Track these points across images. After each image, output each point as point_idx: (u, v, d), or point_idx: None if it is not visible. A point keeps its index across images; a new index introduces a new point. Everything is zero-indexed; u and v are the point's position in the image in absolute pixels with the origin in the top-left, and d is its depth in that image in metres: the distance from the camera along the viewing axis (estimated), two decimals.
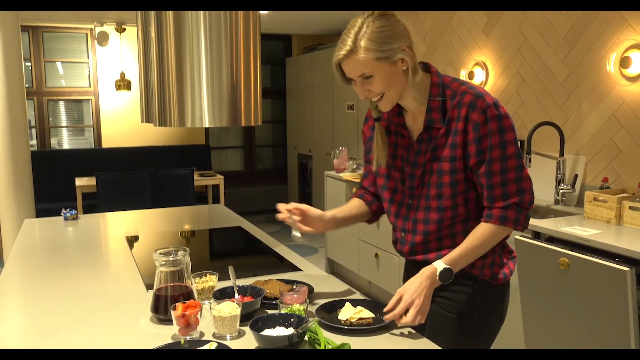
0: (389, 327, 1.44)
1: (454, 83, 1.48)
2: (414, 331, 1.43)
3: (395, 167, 1.58)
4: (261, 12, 1.67)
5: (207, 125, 1.72)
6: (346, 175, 4.43)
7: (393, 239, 1.66)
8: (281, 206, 1.59)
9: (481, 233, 1.46)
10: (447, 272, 1.43)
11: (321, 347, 1.28)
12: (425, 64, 1.52)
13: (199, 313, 1.37)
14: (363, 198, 1.73)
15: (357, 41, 1.38)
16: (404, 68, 1.43)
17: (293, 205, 1.58)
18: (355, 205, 1.72)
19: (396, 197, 1.59)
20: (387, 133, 1.58)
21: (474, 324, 1.51)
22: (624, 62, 2.82)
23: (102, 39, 6.61)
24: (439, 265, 1.44)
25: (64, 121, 6.84)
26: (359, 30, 1.39)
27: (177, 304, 1.38)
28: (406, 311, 1.40)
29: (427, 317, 1.55)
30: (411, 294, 1.41)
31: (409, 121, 1.54)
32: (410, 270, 1.66)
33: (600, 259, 2.13)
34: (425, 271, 1.44)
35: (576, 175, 3.11)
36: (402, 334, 1.42)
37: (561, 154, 3.15)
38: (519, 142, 1.46)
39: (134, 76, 6.70)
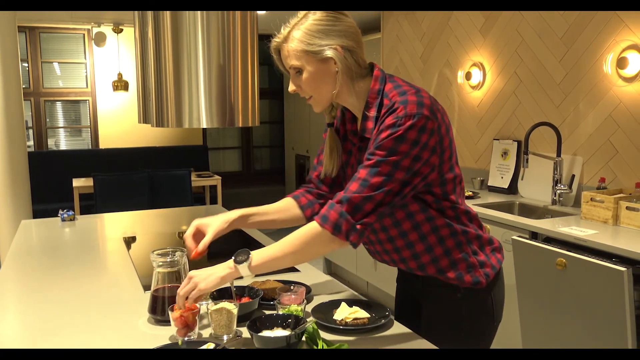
0: (384, 327, 1.44)
1: (394, 92, 1.35)
2: (410, 331, 1.43)
3: (347, 175, 1.53)
4: (259, 12, 1.67)
5: (204, 126, 1.72)
6: None
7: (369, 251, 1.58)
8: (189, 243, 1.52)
9: (303, 228, 1.34)
10: (242, 254, 1.35)
11: (319, 348, 1.28)
12: (372, 66, 1.44)
13: (197, 314, 1.37)
14: (298, 200, 1.61)
15: (292, 30, 1.36)
16: (336, 70, 1.35)
17: (189, 237, 1.52)
18: (280, 208, 1.60)
19: None
20: (343, 139, 1.53)
21: (463, 333, 1.47)
22: (621, 63, 2.83)
23: (100, 39, 6.61)
24: (241, 250, 1.37)
25: (61, 122, 6.83)
26: (298, 21, 1.37)
27: (174, 304, 1.38)
28: None
29: (421, 323, 1.52)
30: (194, 272, 1.36)
31: (359, 128, 1.47)
32: (399, 274, 1.66)
33: (597, 259, 2.14)
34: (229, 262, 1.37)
35: (573, 176, 3.12)
36: (399, 335, 1.42)
37: (558, 155, 3.16)
38: (417, 160, 1.29)
39: (131, 77, 6.69)
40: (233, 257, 1.36)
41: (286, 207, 1.60)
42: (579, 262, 2.20)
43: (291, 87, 1.42)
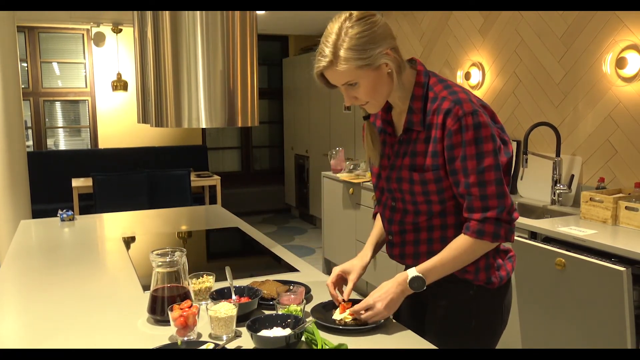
0: (383, 327, 1.44)
1: (438, 85, 1.42)
2: (410, 331, 1.43)
3: (382, 166, 1.53)
4: (258, 12, 1.68)
5: (203, 126, 1.72)
6: (343, 175, 4.43)
7: (385, 242, 1.63)
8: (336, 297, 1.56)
9: (458, 245, 1.41)
10: (418, 280, 1.40)
11: (318, 348, 1.28)
12: (412, 60, 1.47)
13: (197, 314, 1.37)
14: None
15: (336, 51, 1.32)
16: (389, 71, 1.37)
17: (331, 285, 1.57)
18: (381, 225, 1.66)
19: (382, 198, 1.55)
20: (379, 131, 1.54)
21: (471, 330, 1.48)
22: (620, 63, 2.83)
23: (99, 39, 6.61)
24: (411, 272, 1.41)
25: (60, 122, 6.83)
26: (337, 39, 1.32)
27: (174, 304, 1.38)
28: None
29: (426, 322, 1.54)
30: (375, 298, 1.42)
31: (396, 118, 1.50)
32: None
33: (596, 259, 2.14)
34: (398, 277, 1.43)
35: (572, 176, 3.12)
36: (398, 335, 1.42)
37: (557, 155, 3.16)
38: (499, 151, 1.39)
39: (131, 77, 6.69)
40: (410, 283, 1.42)
41: (382, 231, 1.66)
42: (578, 262, 2.20)
43: (348, 101, 1.41)
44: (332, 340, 1.34)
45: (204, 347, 1.26)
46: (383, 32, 1.35)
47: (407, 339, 1.39)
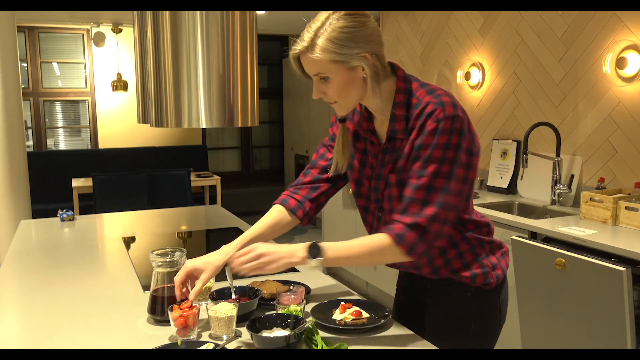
0: (383, 327, 1.44)
1: (420, 90, 1.35)
2: (410, 331, 1.43)
3: (365, 175, 1.50)
4: (258, 12, 1.68)
5: (203, 126, 1.72)
6: None
7: None
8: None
9: (373, 240, 1.33)
10: (314, 248, 1.33)
11: (318, 348, 1.28)
12: (392, 65, 1.41)
13: (197, 314, 1.37)
14: (287, 204, 1.57)
15: (315, 38, 1.28)
16: (364, 76, 1.31)
17: (179, 286, 1.43)
18: (271, 223, 1.55)
19: (369, 206, 1.52)
20: (356, 138, 1.50)
21: (471, 332, 1.48)
22: (620, 63, 2.83)
23: (99, 39, 6.61)
24: (313, 243, 1.35)
25: (60, 122, 6.83)
26: (320, 27, 1.28)
27: (174, 304, 1.38)
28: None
29: (425, 323, 1.53)
30: (263, 249, 1.34)
31: (378, 127, 1.44)
32: (402, 276, 1.66)
33: (596, 259, 2.14)
34: (300, 244, 1.35)
35: (572, 176, 3.12)
36: (398, 335, 1.42)
37: (557, 155, 3.16)
38: (468, 167, 1.31)
39: (131, 77, 6.69)
40: (307, 249, 1.33)
41: (277, 218, 1.56)
42: (578, 262, 2.20)
43: (316, 94, 1.37)
44: (332, 340, 1.34)
45: (204, 347, 1.26)
46: (368, 35, 1.30)
47: (407, 339, 1.39)
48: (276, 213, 1.57)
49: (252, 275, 1.44)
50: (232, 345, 1.34)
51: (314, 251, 1.33)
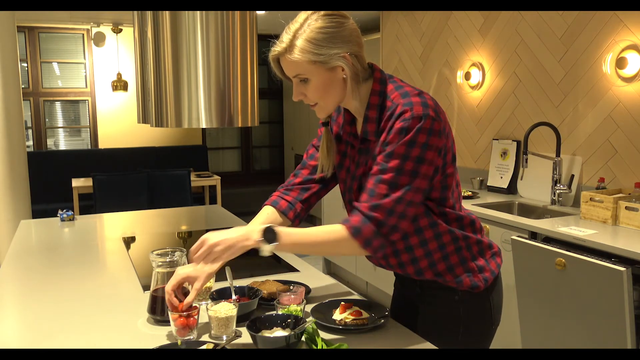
0: (383, 327, 1.44)
1: (395, 93, 1.34)
2: (410, 331, 1.43)
3: (340, 178, 1.51)
4: (258, 12, 1.68)
5: (203, 126, 1.72)
6: None
7: None
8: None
9: (330, 230, 1.32)
10: (270, 232, 1.30)
11: (318, 348, 1.28)
12: (372, 67, 1.40)
13: (197, 314, 1.37)
14: (278, 205, 1.56)
15: (294, 39, 1.28)
16: (344, 76, 1.32)
17: (171, 294, 1.36)
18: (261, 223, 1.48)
19: (346, 207, 1.53)
20: (338, 140, 1.50)
21: (460, 335, 1.47)
22: (620, 63, 2.83)
23: (99, 39, 6.61)
24: (269, 227, 1.32)
25: (60, 122, 6.83)
26: (299, 28, 1.29)
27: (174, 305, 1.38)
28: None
29: (417, 325, 1.51)
30: (215, 240, 1.31)
31: (359, 130, 1.44)
32: (396, 278, 1.66)
33: (596, 259, 2.14)
34: (256, 227, 1.33)
35: (572, 176, 3.12)
36: (398, 335, 1.42)
37: (557, 155, 3.16)
38: (436, 169, 1.30)
39: (131, 77, 6.69)
40: (262, 232, 1.31)
41: (268, 220, 1.54)
42: (579, 262, 2.20)
43: (296, 96, 1.36)
44: (332, 340, 1.34)
45: (204, 347, 1.26)
46: (347, 35, 1.30)
47: (407, 339, 1.39)
48: (267, 214, 1.56)
49: (250, 276, 1.44)
50: (232, 345, 1.34)
51: (269, 235, 1.31)
